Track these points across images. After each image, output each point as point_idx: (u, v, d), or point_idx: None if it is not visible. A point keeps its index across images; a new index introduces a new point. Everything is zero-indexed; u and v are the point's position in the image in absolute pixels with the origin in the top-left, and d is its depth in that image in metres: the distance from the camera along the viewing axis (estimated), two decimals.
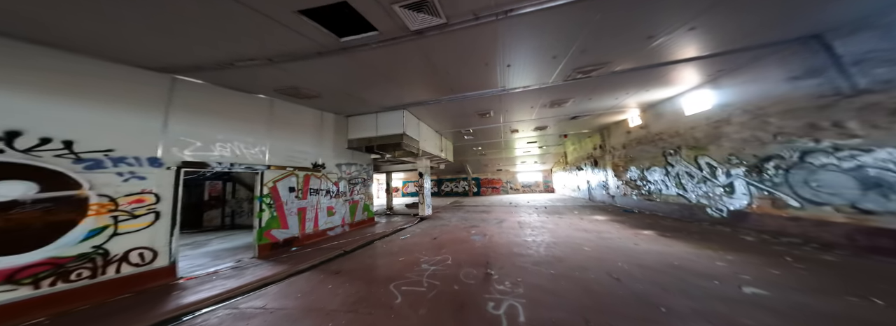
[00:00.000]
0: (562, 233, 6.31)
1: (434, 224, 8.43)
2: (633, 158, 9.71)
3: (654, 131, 8.48)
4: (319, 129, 7.30)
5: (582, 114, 8.98)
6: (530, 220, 8.49)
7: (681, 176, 7.44)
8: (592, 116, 9.32)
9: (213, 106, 4.79)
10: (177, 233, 3.95)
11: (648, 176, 8.90)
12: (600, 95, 7.00)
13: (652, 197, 8.82)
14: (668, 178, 7.96)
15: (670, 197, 7.94)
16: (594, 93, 6.81)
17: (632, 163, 9.81)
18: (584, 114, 8.91)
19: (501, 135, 12.00)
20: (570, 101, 7.33)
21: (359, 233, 7.38)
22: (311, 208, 6.73)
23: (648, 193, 8.97)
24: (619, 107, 8.29)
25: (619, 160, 10.70)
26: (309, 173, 6.78)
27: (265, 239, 5.50)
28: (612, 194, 11.61)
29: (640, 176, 9.31)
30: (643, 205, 9.31)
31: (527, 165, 23.40)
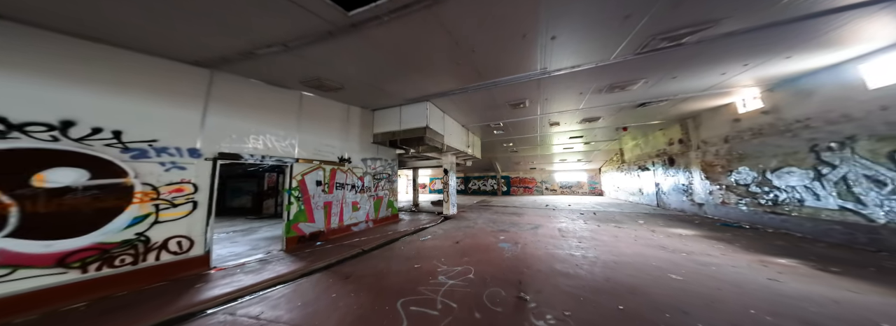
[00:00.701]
0: (626, 250, 5.08)
1: (458, 224, 8.27)
2: (742, 155, 7.53)
3: (792, 116, 6.24)
4: (346, 123, 7.39)
5: (656, 100, 7.26)
6: (575, 228, 7.40)
7: (852, 182, 5.16)
8: (673, 102, 7.52)
9: (247, 99, 4.95)
10: (212, 223, 4.12)
11: (776, 181, 6.67)
12: (693, 71, 5.40)
13: (781, 208, 6.58)
14: (823, 184, 5.64)
15: (823, 212, 5.68)
16: (683, 69, 5.28)
17: (740, 162, 7.60)
18: (660, 99, 7.18)
19: (537, 129, 10.93)
20: (641, 83, 5.93)
21: (381, 230, 7.42)
22: (336, 202, 6.84)
23: (773, 203, 6.75)
24: (723, 86, 6.38)
25: (716, 158, 8.52)
26: (335, 167, 6.88)
27: (292, 233, 5.65)
28: (698, 201, 9.44)
29: (760, 179, 7.02)
30: (759, 219, 7.12)
31: (567, 164, 21.05)
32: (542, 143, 14.32)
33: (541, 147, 15.36)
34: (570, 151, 17.01)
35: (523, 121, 9.65)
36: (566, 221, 8.68)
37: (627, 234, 6.53)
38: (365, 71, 5.16)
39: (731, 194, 8.06)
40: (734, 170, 7.88)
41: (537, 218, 9.29)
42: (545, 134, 11.98)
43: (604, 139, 13.58)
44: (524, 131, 11.45)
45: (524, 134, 11.93)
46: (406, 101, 7.46)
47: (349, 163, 7.36)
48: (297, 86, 5.68)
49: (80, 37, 3.21)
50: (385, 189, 8.74)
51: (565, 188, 23.22)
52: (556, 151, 17.08)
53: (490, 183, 24.31)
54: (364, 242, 6.06)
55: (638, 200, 14.33)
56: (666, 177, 11.60)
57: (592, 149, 16.31)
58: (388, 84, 5.99)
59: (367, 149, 8.06)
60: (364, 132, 8.00)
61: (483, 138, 12.55)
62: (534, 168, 22.85)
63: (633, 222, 8.34)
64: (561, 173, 23.61)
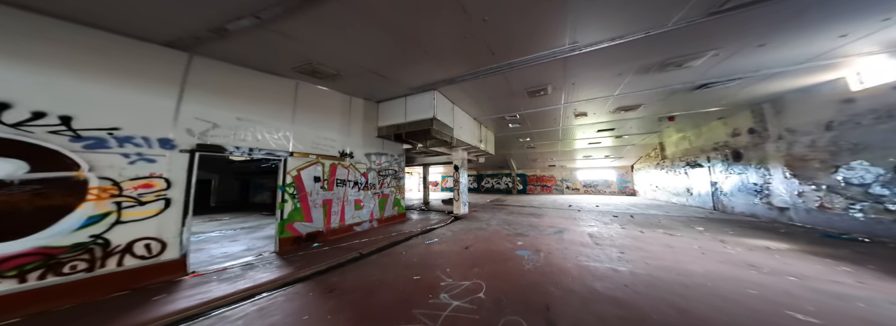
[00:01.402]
0: (694, 267, 3.89)
1: (469, 226, 7.59)
2: (858, 146, 5.89)
3: None
4: (347, 116, 6.86)
5: (724, 80, 5.87)
6: (610, 234, 6.20)
7: None
8: (749, 81, 5.97)
9: (233, 86, 4.47)
10: (189, 223, 3.67)
11: None
12: (794, 35, 4.09)
13: None
14: None
15: None
16: (778, 33, 4.03)
17: (854, 156, 5.94)
18: (731, 77, 5.76)
19: (559, 121, 9.73)
20: (708, 56, 4.65)
21: (385, 231, 6.87)
22: (337, 200, 6.34)
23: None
24: (832, 56, 4.88)
25: (811, 150, 6.83)
26: (336, 162, 6.38)
27: (287, 233, 5.18)
28: (779, 204, 7.60)
29: (889, 177, 5.40)
30: (887, 230, 5.42)
31: (592, 160, 18.87)
32: (564, 138, 12.88)
33: (562, 142, 13.87)
34: (597, 147, 15.04)
35: (543, 112, 8.66)
36: (597, 225, 7.53)
37: (686, 245, 5.19)
38: (358, 52, 4.54)
39: (835, 196, 6.32)
40: (842, 166, 6.14)
41: (560, 221, 8.21)
42: (568, 127, 10.73)
43: (640, 132, 11.72)
44: (544, 124, 10.34)
45: (543, 127, 10.83)
46: (411, 91, 6.85)
47: (351, 159, 6.84)
48: (290, 73, 5.17)
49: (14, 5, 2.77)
50: (391, 186, 8.19)
51: (590, 187, 20.86)
52: (580, 147, 15.22)
53: (504, 181, 23.13)
54: (364, 244, 5.52)
55: (685, 202, 12.24)
56: (727, 175, 9.67)
57: (624, 143, 14.27)
58: (387, 69, 5.37)
59: (371, 143, 7.53)
60: (368, 125, 7.46)
61: (497, 133, 11.78)
62: (553, 165, 20.87)
63: (687, 228, 6.85)
64: (585, 171, 21.31)
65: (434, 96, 6.79)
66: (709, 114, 9.05)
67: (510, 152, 16.78)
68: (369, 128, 7.49)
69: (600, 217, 9.02)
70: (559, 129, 11.20)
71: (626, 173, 19.57)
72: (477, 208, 11.59)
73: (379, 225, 7.49)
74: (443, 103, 7.25)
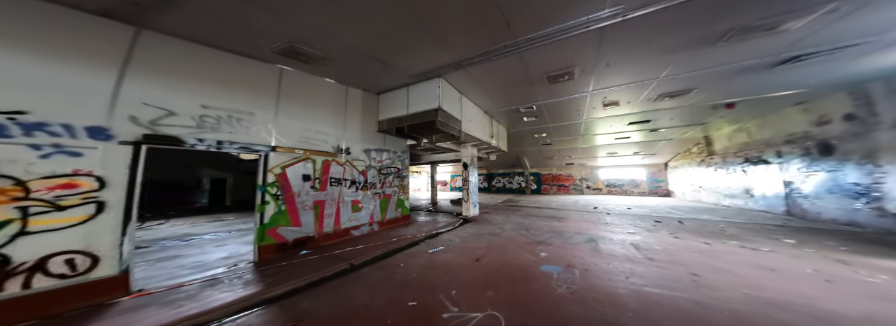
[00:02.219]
0: (826, 305, 2.66)
1: (480, 230, 6.65)
2: None
3: None
4: (343, 108, 6.08)
5: (829, 49, 4.43)
6: (663, 245, 4.90)
7: None
8: (870, 49, 4.49)
9: (198, 70, 3.72)
10: (132, 231, 2.94)
11: None
12: None
13: None
14: None
15: None
16: None
17: None
18: (843, 44, 4.30)
19: (583, 112, 8.37)
20: (818, 13, 3.46)
21: (386, 235, 6.04)
22: (331, 201, 5.56)
23: None
24: None
25: None
26: (329, 159, 5.60)
27: (268, 240, 4.41)
28: None
29: None
30: None
31: (617, 158, 16.75)
32: (587, 133, 11.34)
33: (583, 138, 12.29)
34: (625, 142, 13.13)
35: (565, 103, 7.52)
36: (639, 232, 6.19)
37: (792, 267, 3.74)
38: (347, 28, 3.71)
39: None
40: None
41: (588, 226, 6.97)
42: (593, 119, 9.33)
43: (682, 124, 9.83)
44: (564, 116, 9.00)
45: (564, 120, 9.54)
46: (413, 79, 5.99)
47: (347, 155, 6.06)
48: (271, 57, 4.41)
49: None
50: (394, 185, 7.37)
51: (614, 187, 18.61)
52: (604, 143, 13.46)
53: (516, 180, 21.72)
54: (359, 252, 4.70)
55: (742, 204, 10.29)
56: (808, 173, 7.87)
57: (659, 138, 12.22)
58: (383, 51, 4.53)
59: (370, 138, 6.73)
60: (367, 119, 6.66)
61: (510, 128, 10.78)
62: (571, 163, 18.78)
63: (771, 241, 5.25)
64: (608, 169, 18.97)
65: (439, 84, 5.91)
66: (782, 99, 7.10)
67: (523, 149, 15.64)
68: (369, 122, 6.70)
69: (638, 221, 7.59)
70: (581, 123, 9.83)
71: (659, 172, 17.16)
72: (488, 209, 10.62)
73: (380, 229, 6.68)
74: (449, 92, 6.36)
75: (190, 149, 3.43)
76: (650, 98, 7.07)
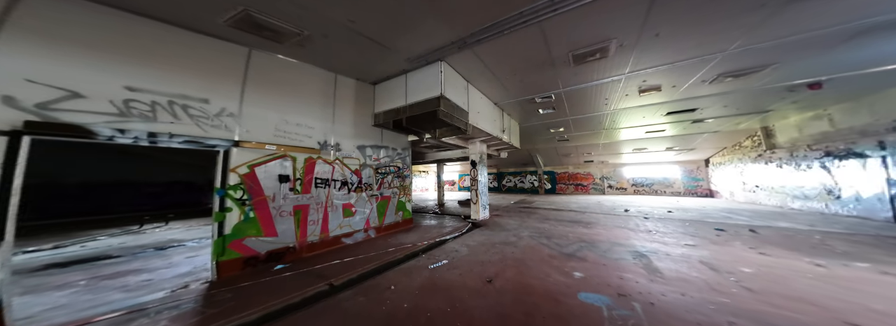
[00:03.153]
0: None
1: (491, 238, 5.57)
2: None
3: None
4: (331, 98, 5.16)
5: None
6: (755, 267, 3.50)
7: None
8: None
9: (118, 43, 2.86)
10: (7, 252, 2.08)
11: None
12: None
13: None
14: None
15: None
16: None
17: None
18: None
19: (613, 100, 6.96)
20: None
21: (384, 243, 5.07)
22: (317, 206, 4.65)
23: None
24: None
25: None
26: (314, 157, 4.69)
27: (232, 253, 3.52)
28: None
29: None
30: None
31: (645, 154, 14.53)
32: (612, 126, 9.79)
33: (607, 132, 10.73)
34: (658, 136, 11.34)
35: (591, 90, 6.28)
36: (698, 243, 4.75)
37: None
38: None
39: None
40: None
41: (625, 234, 5.58)
42: (622, 110, 7.78)
43: (738, 112, 8.06)
44: (588, 107, 7.58)
45: (587, 112, 8.08)
46: (412, 64, 5.02)
47: (337, 152, 5.14)
48: (230, 33, 3.52)
49: None
50: (393, 186, 6.41)
51: (642, 186, 16.38)
52: (631, 137, 11.60)
53: (529, 179, 20.17)
54: (346, 267, 3.74)
55: (821, 208, 8.27)
56: None
57: (701, 130, 10.38)
58: (371, 24, 3.56)
59: (365, 133, 5.79)
60: (361, 111, 5.74)
61: (522, 122, 9.64)
62: (590, 160, 16.81)
63: None
64: (635, 167, 16.75)
65: (441, 68, 4.92)
66: (886, 76, 5.33)
67: (536, 146, 14.36)
68: (363, 115, 5.77)
69: (691, 229, 6.05)
70: (607, 114, 8.35)
71: (697, 169, 14.85)
72: (499, 212, 9.50)
73: (377, 236, 5.73)
74: (453, 79, 5.35)
75: (106, 142, 2.56)
76: (705, 80, 5.63)
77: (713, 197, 14.15)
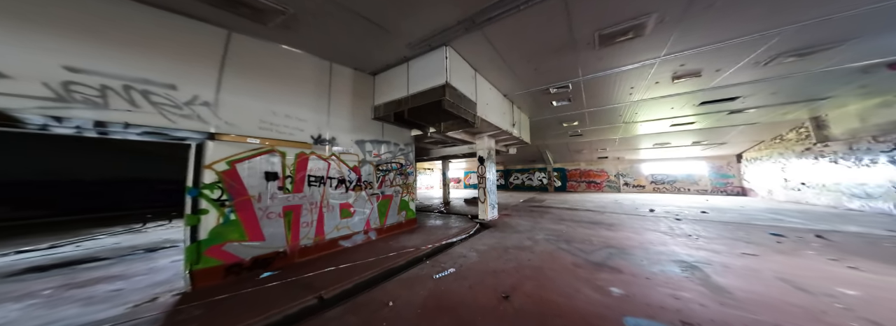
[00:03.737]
0: None
1: (502, 241, 4.93)
2: None
3: None
4: (325, 88, 4.62)
5: None
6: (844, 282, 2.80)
7: None
8: None
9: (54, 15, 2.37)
10: None
11: None
12: None
13: None
14: None
15: None
16: None
17: None
18: None
19: (639, 89, 6.06)
20: None
21: (385, 246, 4.53)
22: (310, 206, 4.13)
23: None
24: None
25: None
26: (307, 152, 4.16)
27: (210, 261, 3.03)
28: None
29: None
30: None
31: (666, 149, 13.13)
32: (631, 119, 8.69)
33: (625, 126, 9.68)
34: (683, 130, 10.04)
35: (616, 77, 5.45)
36: (757, 251, 3.93)
37: None
38: None
39: None
40: None
41: (659, 238, 4.74)
42: (646, 101, 6.81)
43: (788, 100, 6.80)
44: (608, 97, 6.66)
45: (605, 103, 7.14)
46: (414, 50, 4.42)
47: (333, 147, 4.61)
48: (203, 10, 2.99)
49: None
50: (396, 184, 5.86)
51: (663, 183, 14.97)
52: (652, 131, 10.38)
53: (537, 176, 19.16)
54: (340, 275, 3.20)
55: (888, 209, 7.06)
56: None
57: (736, 122, 9.05)
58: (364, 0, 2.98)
59: (365, 127, 5.24)
60: (360, 103, 5.18)
61: (533, 116, 8.93)
62: (604, 157, 15.45)
63: None
64: (654, 163, 15.27)
65: (446, 54, 4.30)
66: None
67: (546, 142, 13.54)
68: (362, 108, 5.21)
69: (738, 232, 5.08)
70: (629, 106, 7.37)
71: (728, 165, 13.29)
72: (509, 211, 8.85)
73: (379, 237, 5.20)
74: (460, 67, 4.72)
75: (39, 131, 2.07)
76: (760, 61, 4.68)
77: (746, 195, 12.64)
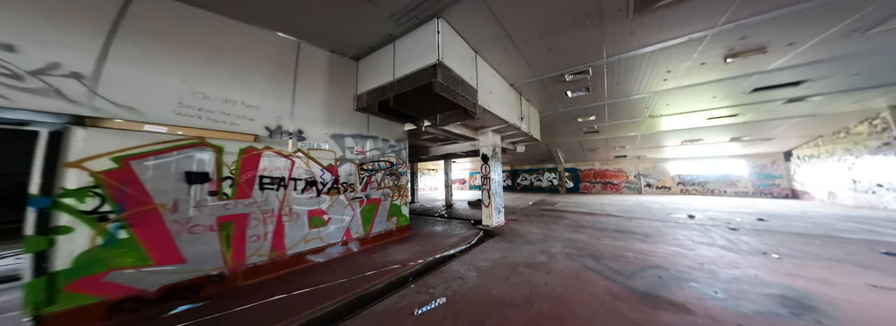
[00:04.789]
0: None
1: (509, 255, 3.62)
2: None
3: None
4: (290, 71, 3.52)
5: None
6: None
7: None
8: None
9: None
10: None
11: None
12: None
13: None
14: None
15: None
16: None
17: None
18: None
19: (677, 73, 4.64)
20: None
21: (365, 262, 3.35)
22: (263, 215, 3.02)
23: None
24: None
25: None
26: (256, 147, 3.06)
27: (78, 299, 1.94)
28: None
29: None
30: None
31: (696, 147, 10.97)
32: (658, 112, 6.98)
33: (649, 121, 7.88)
34: (722, 124, 8.11)
35: (649, 57, 4.06)
36: (891, 282, 2.40)
37: None
38: None
39: None
40: None
41: (720, 255, 3.32)
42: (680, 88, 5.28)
43: (864, 85, 5.11)
44: (636, 84, 5.19)
45: (632, 92, 5.61)
46: (398, 22, 3.26)
47: (300, 141, 3.50)
48: None
49: None
50: (385, 186, 4.70)
51: (693, 185, 12.58)
52: (682, 126, 8.50)
53: (547, 177, 17.16)
54: (288, 308, 2.05)
55: None
56: None
57: (792, 114, 7.10)
58: None
59: (344, 119, 4.11)
60: (338, 92, 4.07)
61: (543, 111, 7.55)
62: (623, 155, 13.23)
63: None
64: (680, 162, 12.94)
65: (438, 27, 3.15)
66: None
67: (557, 140, 11.99)
68: (342, 97, 4.10)
69: (836, 251, 3.43)
70: (657, 96, 5.81)
71: (773, 164, 10.96)
72: (517, 215, 7.47)
73: (362, 249, 4.04)
74: (456, 44, 3.51)
75: None
76: (856, 28, 3.16)
77: (797, 198, 10.27)
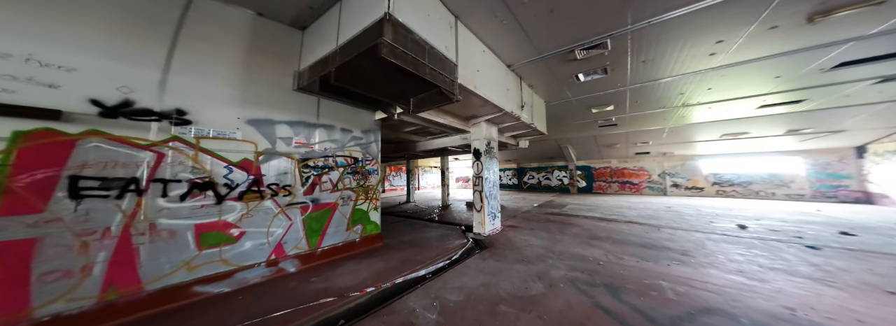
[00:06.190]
0: None
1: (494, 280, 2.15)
2: None
3: None
4: (172, 26, 2.24)
5: None
6: None
7: None
8: None
9: None
10: None
11: None
12: None
13: None
14: None
15: None
16: None
17: None
18: None
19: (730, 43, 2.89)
20: None
21: (291, 291, 2.00)
22: (76, 239, 1.77)
23: None
24: None
25: None
26: (66, 131, 1.80)
27: None
28: None
29: None
30: None
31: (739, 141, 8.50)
32: (695, 100, 5.18)
33: (681, 111, 5.92)
34: (775, 112, 5.89)
35: (692, 19, 2.35)
36: None
37: None
38: None
39: None
40: None
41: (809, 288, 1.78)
42: (730, 65, 3.50)
43: None
44: (670, 61, 3.50)
45: (663, 73, 3.91)
46: None
47: (183, 125, 2.23)
48: None
49: None
50: (345, 188, 3.36)
51: (730, 185, 9.84)
52: (723, 117, 6.42)
53: (556, 176, 14.70)
54: None
55: None
56: None
57: (876, 99, 4.86)
58: None
59: (277, 101, 2.81)
60: (265, 65, 2.76)
61: (549, 100, 5.84)
62: (645, 152, 10.73)
63: None
64: (715, 159, 10.15)
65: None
66: None
67: (567, 136, 10.05)
68: (271, 72, 2.79)
69: None
70: (698, 77, 4.00)
71: (841, 161, 8.29)
72: (517, 220, 5.83)
73: (304, 267, 2.75)
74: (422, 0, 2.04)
75: None
76: None
77: (872, 202, 7.57)
